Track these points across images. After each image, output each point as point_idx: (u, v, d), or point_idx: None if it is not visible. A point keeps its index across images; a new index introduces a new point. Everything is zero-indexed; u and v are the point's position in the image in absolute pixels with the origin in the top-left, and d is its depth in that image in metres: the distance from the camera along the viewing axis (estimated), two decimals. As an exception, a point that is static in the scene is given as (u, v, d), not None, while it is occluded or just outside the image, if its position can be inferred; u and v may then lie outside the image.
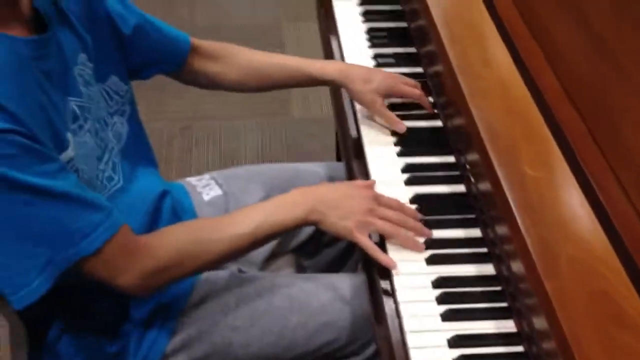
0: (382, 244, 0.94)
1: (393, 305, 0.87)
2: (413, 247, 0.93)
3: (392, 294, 0.88)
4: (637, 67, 0.81)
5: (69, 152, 0.88)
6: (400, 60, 1.25)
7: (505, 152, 0.88)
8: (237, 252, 0.97)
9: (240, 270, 1.11)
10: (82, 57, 0.96)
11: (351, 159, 1.12)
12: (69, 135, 0.89)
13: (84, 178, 0.89)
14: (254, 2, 2.93)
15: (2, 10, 0.83)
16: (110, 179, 0.99)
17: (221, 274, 1.08)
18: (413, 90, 1.14)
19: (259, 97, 2.40)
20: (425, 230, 0.95)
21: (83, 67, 0.96)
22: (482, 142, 0.90)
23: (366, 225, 0.94)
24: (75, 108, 0.92)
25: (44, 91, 0.85)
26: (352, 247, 1.16)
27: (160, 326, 1.01)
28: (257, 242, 0.96)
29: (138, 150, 1.08)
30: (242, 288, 1.05)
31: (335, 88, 1.23)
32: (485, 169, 0.89)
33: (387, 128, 1.11)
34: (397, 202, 0.98)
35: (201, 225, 1.01)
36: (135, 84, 1.12)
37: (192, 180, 1.23)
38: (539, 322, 0.73)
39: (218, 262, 0.97)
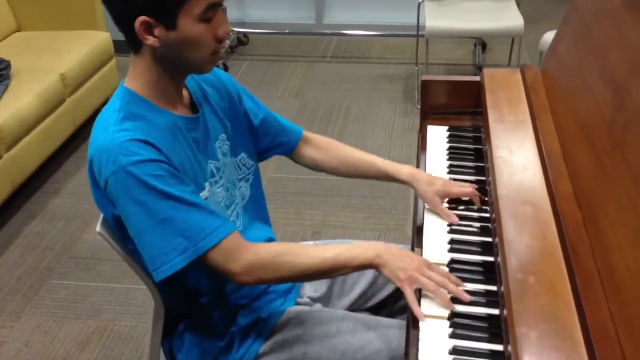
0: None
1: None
2: (446, 304, 1.17)
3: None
4: (621, 182, 1.08)
5: (205, 193, 1.29)
6: (468, 170, 1.61)
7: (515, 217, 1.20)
8: (319, 272, 1.24)
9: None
10: (223, 136, 1.39)
11: (415, 236, 1.47)
12: (207, 184, 1.31)
13: None
14: (391, 140, 3.41)
15: (170, 98, 1.27)
16: (234, 223, 1.38)
17: (307, 308, 1.44)
18: (467, 190, 1.45)
19: (380, 214, 2.82)
20: (465, 295, 1.18)
21: (222, 143, 1.38)
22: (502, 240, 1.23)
23: (415, 280, 1.20)
24: (213, 168, 1.35)
25: (192, 151, 1.28)
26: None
27: (258, 334, 1.37)
28: (334, 268, 1.23)
29: (256, 210, 1.48)
30: (320, 316, 1.39)
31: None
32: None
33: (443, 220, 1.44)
34: (445, 271, 1.24)
35: (297, 244, 1.39)
36: (280, 200, 1.48)
37: (302, 243, 1.63)
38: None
39: (303, 275, 1.27)
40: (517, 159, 1.42)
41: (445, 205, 1.45)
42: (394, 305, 1.51)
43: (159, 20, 1.17)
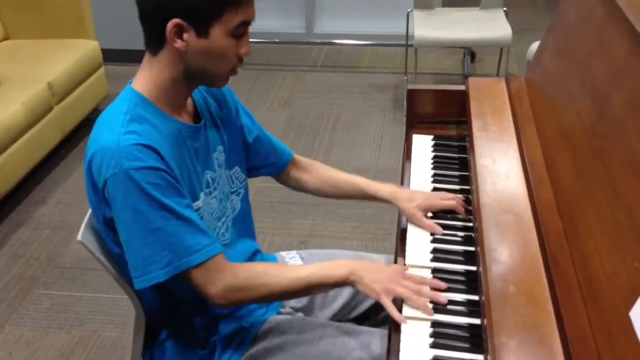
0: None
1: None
2: (424, 309, 1.18)
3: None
4: (600, 191, 1.09)
5: (199, 203, 1.30)
6: (452, 179, 1.61)
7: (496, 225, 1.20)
8: (294, 292, 1.26)
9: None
10: (220, 147, 1.39)
11: (398, 245, 1.46)
12: (202, 194, 1.32)
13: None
14: (379, 150, 3.42)
15: (176, 104, 1.28)
16: (223, 235, 1.40)
17: (288, 317, 1.43)
18: (449, 202, 1.45)
19: (367, 224, 2.81)
20: (441, 298, 1.20)
21: (219, 154, 1.39)
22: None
23: (390, 290, 1.21)
24: (209, 179, 1.35)
25: (191, 160, 1.29)
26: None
27: (239, 342, 1.36)
28: (309, 287, 1.25)
29: (244, 223, 1.48)
30: (301, 326, 1.38)
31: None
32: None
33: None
34: (420, 277, 1.25)
35: (272, 264, 1.40)
36: (267, 209, 1.51)
37: (283, 253, 1.63)
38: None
39: (279, 296, 1.30)
40: (500, 168, 1.42)
41: (430, 214, 1.45)
42: (377, 316, 1.51)
43: (192, 25, 1.18)
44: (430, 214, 1.45)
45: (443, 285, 1.24)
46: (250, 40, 1.26)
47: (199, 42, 1.19)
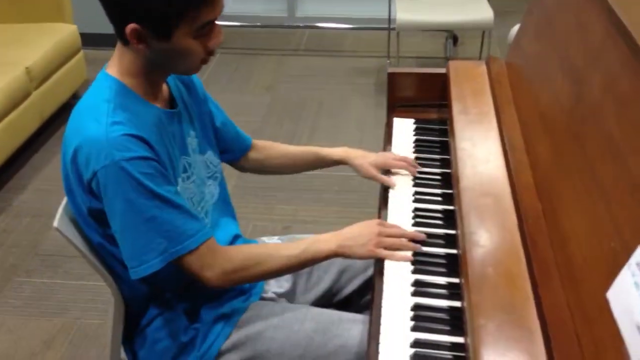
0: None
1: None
2: (411, 248, 1.28)
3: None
4: (578, 173, 1.09)
5: (177, 189, 1.29)
6: (433, 162, 1.61)
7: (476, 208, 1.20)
8: (288, 269, 1.31)
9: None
10: (192, 133, 1.39)
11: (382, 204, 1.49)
12: (179, 180, 1.31)
13: None
14: (362, 134, 3.41)
15: (153, 90, 1.28)
16: (202, 220, 1.40)
17: (270, 303, 1.43)
18: (400, 163, 1.54)
19: (351, 209, 2.81)
20: (418, 246, 1.29)
21: (192, 139, 1.38)
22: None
23: (379, 244, 1.28)
24: (186, 164, 1.35)
25: (170, 145, 1.29)
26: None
27: (221, 329, 1.36)
28: (301, 263, 1.30)
29: (224, 207, 1.49)
30: (283, 312, 1.38)
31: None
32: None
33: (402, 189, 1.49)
34: (396, 225, 1.34)
35: (265, 245, 1.43)
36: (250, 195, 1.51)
37: (265, 239, 1.62)
38: None
39: (275, 273, 1.33)
40: (480, 151, 1.42)
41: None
42: (360, 301, 1.51)
43: (151, 31, 1.15)
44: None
45: (422, 235, 1.31)
46: (232, 24, 1.25)
47: (161, 45, 1.17)
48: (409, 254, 1.28)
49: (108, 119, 1.16)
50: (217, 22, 1.21)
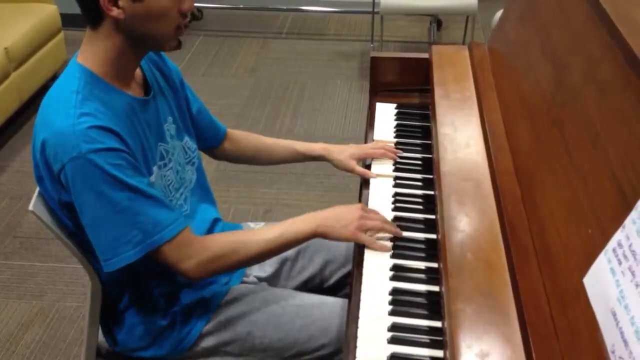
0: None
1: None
2: (394, 232, 1.28)
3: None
4: (557, 159, 1.09)
5: (151, 179, 1.26)
6: (415, 147, 1.61)
7: (456, 193, 1.21)
8: (268, 252, 1.27)
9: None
10: (170, 118, 1.37)
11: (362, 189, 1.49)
12: (155, 168, 1.29)
13: None
14: (345, 118, 3.40)
15: (126, 77, 1.25)
16: (181, 206, 1.38)
17: (251, 286, 1.43)
18: (379, 151, 1.54)
19: (333, 192, 2.81)
20: (399, 231, 1.29)
21: (169, 126, 1.36)
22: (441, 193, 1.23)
23: (361, 227, 1.27)
24: (163, 151, 1.32)
25: (144, 134, 1.26)
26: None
27: (200, 313, 1.35)
28: (281, 246, 1.27)
29: (202, 192, 1.48)
30: (265, 295, 1.38)
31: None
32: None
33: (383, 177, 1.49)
34: (378, 212, 1.33)
35: (242, 232, 1.40)
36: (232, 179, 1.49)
37: (251, 224, 1.61)
38: None
39: (254, 259, 1.29)
40: (461, 136, 1.42)
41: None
42: (342, 291, 1.51)
43: None
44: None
45: (401, 233, 1.30)
46: (215, 6, 1.23)
47: (135, 7, 1.14)
48: (388, 244, 1.28)
49: (76, 111, 1.14)
50: None
